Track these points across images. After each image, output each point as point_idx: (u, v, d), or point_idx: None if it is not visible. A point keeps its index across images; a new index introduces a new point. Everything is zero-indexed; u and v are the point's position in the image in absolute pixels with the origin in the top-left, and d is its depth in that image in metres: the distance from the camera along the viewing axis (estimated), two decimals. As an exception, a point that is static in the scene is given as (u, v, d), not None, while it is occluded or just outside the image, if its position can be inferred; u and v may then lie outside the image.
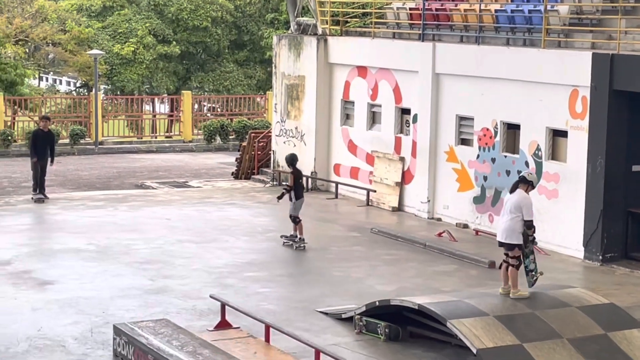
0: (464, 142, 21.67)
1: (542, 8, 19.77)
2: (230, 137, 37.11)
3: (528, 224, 13.37)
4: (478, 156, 21.13)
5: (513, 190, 13.62)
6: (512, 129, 20.42)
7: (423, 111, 22.39)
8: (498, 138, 20.61)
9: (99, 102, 36.17)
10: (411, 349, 13.12)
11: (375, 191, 23.83)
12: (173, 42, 45.64)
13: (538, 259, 15.80)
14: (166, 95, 45.95)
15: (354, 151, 24.83)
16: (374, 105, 24.22)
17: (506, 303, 13.09)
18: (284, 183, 23.71)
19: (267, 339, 12.88)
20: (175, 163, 33.03)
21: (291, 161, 19.21)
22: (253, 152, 28.44)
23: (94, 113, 35.72)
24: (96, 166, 31.90)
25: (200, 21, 45.99)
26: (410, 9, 23.71)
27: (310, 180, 25.63)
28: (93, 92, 37.07)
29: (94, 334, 13.47)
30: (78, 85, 52.48)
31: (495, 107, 20.66)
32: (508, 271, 13.41)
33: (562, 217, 18.98)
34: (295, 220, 19.07)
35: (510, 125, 20.45)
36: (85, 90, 47.79)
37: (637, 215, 18.35)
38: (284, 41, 26.71)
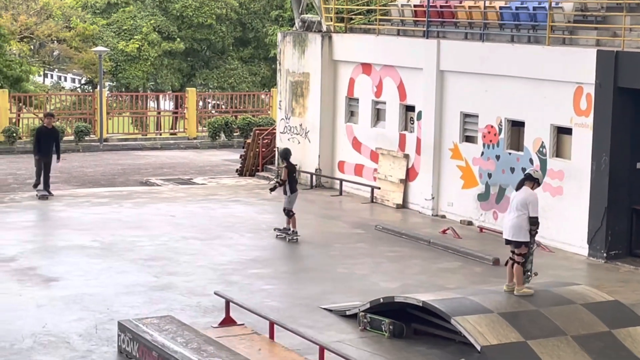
0: (469, 139, 21.66)
1: (547, 5, 19.75)
2: (234, 134, 37.13)
3: (533, 220, 13.37)
4: (482, 153, 21.12)
5: (519, 187, 13.61)
6: (517, 126, 20.41)
7: (427, 108, 22.39)
8: (502, 135, 20.60)
9: (104, 99, 36.19)
10: (415, 346, 13.13)
11: (379, 188, 23.83)
12: (177, 39, 45.66)
13: (542, 256, 15.83)
14: (171, 92, 45.98)
15: (359, 148, 24.83)
16: (379, 102, 24.22)
17: (510, 300, 13.08)
18: (278, 177, 23.73)
19: (272, 336, 12.89)
20: (179, 160, 33.05)
21: (285, 155, 19.46)
22: (257, 149, 28.45)
23: (99, 110, 35.74)
24: (101, 163, 31.94)
25: (204, 18, 46.00)
26: (414, 6, 23.71)
27: (314, 177, 25.65)
28: (98, 89, 37.10)
29: (99, 331, 13.49)
30: (83, 82, 52.56)
31: (499, 104, 20.65)
32: (513, 268, 13.41)
33: (567, 215, 18.97)
34: (289, 213, 19.26)
35: (514, 122, 20.44)
36: (90, 87, 47.86)
37: (642, 212, 18.37)
38: (289, 38, 26.71)
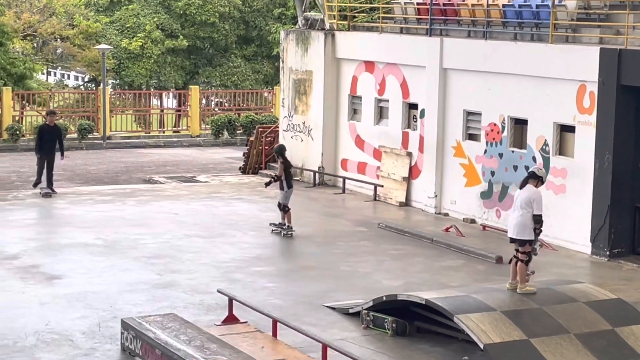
0: (472, 137, 21.66)
1: (550, 3, 19.73)
2: (237, 132, 37.14)
3: (537, 218, 13.36)
4: (485, 151, 21.12)
5: (523, 186, 13.61)
6: (520, 124, 20.40)
7: (430, 106, 22.39)
8: (505, 133, 20.60)
9: (107, 97, 36.21)
10: (418, 344, 13.13)
11: (382, 186, 23.84)
12: (180, 37, 45.69)
13: (545, 254, 15.83)
14: (174, 90, 45.99)
15: (362, 146, 24.83)
16: (382, 100, 24.22)
17: (513, 298, 13.09)
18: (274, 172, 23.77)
19: (275, 334, 12.90)
20: (182, 158, 33.07)
21: (280, 152, 20.08)
22: (260, 147, 28.46)
23: (102, 108, 35.77)
24: (104, 161, 31.96)
25: (207, 16, 46.00)
26: (417, 4, 23.70)
27: (317, 175, 25.65)
28: (101, 87, 37.12)
29: (102, 329, 13.51)
30: (86, 80, 52.57)
31: (502, 102, 20.65)
32: (517, 266, 13.41)
33: (570, 213, 18.97)
34: (284, 208, 19.56)
35: (517, 120, 20.44)
36: (93, 85, 47.87)
37: (645, 210, 18.36)
38: (292, 36, 26.71)
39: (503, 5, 21.22)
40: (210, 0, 46.07)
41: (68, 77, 68.64)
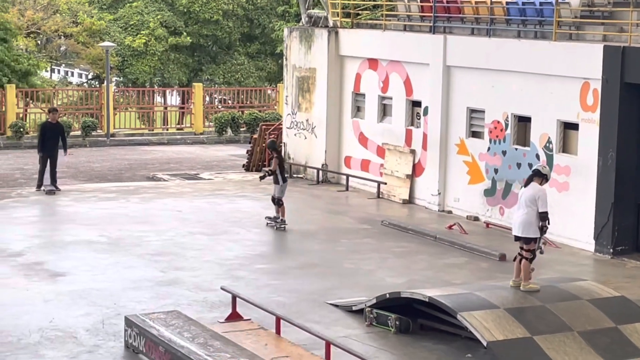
0: (475, 135, 21.66)
1: (553, 0, 19.72)
2: (241, 130, 37.13)
3: (543, 216, 13.36)
4: (489, 149, 21.12)
5: (527, 183, 13.61)
6: (523, 122, 20.40)
7: (434, 104, 22.39)
8: (509, 131, 20.59)
9: (111, 94, 36.23)
10: (421, 342, 13.14)
11: (385, 183, 23.84)
12: (184, 34, 45.69)
13: (549, 252, 15.84)
14: (177, 87, 45.99)
15: (365, 143, 24.84)
16: (385, 97, 24.22)
17: (517, 296, 13.09)
18: (268, 167, 23.83)
19: (278, 331, 12.91)
20: (186, 155, 33.08)
21: (273, 147, 20.38)
22: (264, 145, 28.45)
23: (106, 105, 35.79)
24: (108, 158, 31.98)
25: (211, 14, 46.00)
26: (421, 1, 23.68)
27: (321, 172, 25.66)
28: (105, 84, 37.15)
29: (106, 326, 13.52)
30: (90, 77, 52.58)
31: (506, 100, 20.64)
32: (521, 264, 13.41)
33: (573, 210, 18.97)
34: (278, 202, 19.87)
35: (521, 117, 20.43)
36: (97, 82, 47.89)
37: (648, 208, 18.36)
38: (295, 33, 26.71)
39: (506, 2, 21.22)
40: (213, -3, 46.13)
41: (72, 75, 68.69)
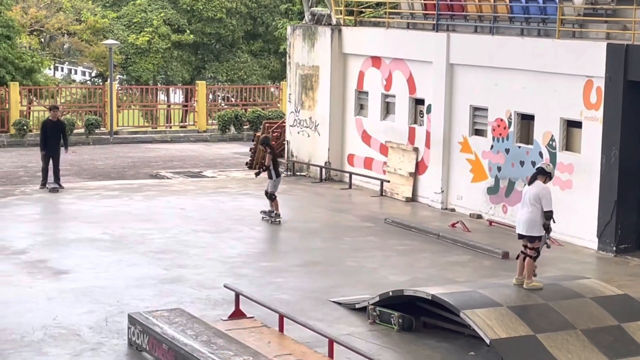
0: (478, 133, 21.65)
1: (557, -2, 19.73)
2: (244, 127, 37.13)
3: (547, 214, 13.35)
4: (492, 147, 21.11)
5: (531, 182, 13.61)
6: (526, 120, 20.39)
7: (437, 101, 22.38)
8: (512, 129, 20.59)
9: (114, 92, 36.24)
10: (424, 339, 13.14)
11: (389, 181, 23.84)
12: (187, 32, 45.71)
13: (552, 250, 15.82)
14: (181, 85, 46.01)
15: (368, 141, 24.84)
16: (388, 95, 24.22)
17: (520, 294, 13.10)
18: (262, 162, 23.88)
19: (281, 329, 12.92)
20: (189, 153, 33.09)
21: (266, 142, 20.85)
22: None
23: (109, 103, 35.80)
24: (111, 156, 32.00)
25: (214, 12, 46.02)
26: (424, -1, 23.70)
27: (324, 170, 25.67)
28: (108, 82, 37.16)
29: (109, 323, 13.54)
30: (93, 75, 52.66)
31: (509, 98, 20.63)
32: (524, 262, 13.41)
33: (576, 208, 18.96)
34: (271, 196, 20.35)
35: (524, 115, 20.42)
36: (100, 80, 47.94)
37: (652, 206, 18.34)
38: (298, 31, 26.71)
39: (510, 0, 21.19)
40: (217, -4, 46.15)
41: (75, 73, 68.76)
